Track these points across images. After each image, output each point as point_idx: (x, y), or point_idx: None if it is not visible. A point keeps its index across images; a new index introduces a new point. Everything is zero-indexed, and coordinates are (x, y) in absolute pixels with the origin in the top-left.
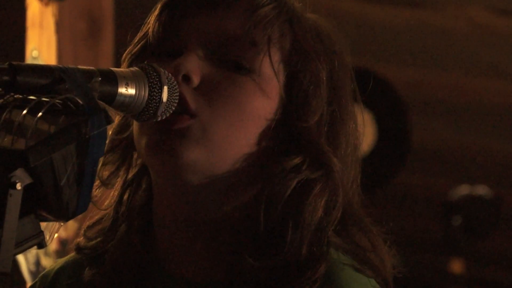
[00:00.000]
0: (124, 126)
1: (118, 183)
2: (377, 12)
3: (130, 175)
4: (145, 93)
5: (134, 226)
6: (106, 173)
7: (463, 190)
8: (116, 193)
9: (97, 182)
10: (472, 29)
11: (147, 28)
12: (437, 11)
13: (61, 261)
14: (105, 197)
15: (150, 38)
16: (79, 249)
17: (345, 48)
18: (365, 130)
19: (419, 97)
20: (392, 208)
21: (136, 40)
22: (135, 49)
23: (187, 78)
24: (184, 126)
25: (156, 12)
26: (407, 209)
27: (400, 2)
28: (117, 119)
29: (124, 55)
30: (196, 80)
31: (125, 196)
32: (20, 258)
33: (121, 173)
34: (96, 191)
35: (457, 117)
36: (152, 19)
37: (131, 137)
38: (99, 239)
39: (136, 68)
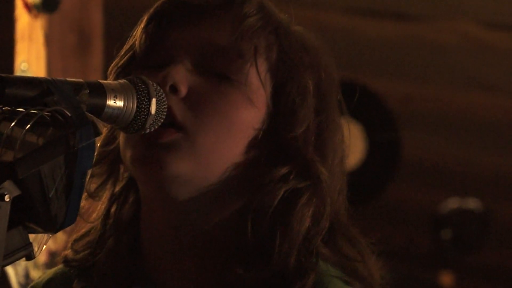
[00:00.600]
0: (111, 138)
1: (105, 196)
2: (367, 25)
3: (117, 188)
4: (133, 105)
5: (122, 239)
6: (93, 186)
7: (453, 203)
8: (103, 206)
9: (84, 195)
10: (463, 43)
11: (134, 40)
12: (428, 25)
13: (50, 272)
14: (92, 210)
15: (137, 50)
16: (66, 261)
17: (331, 59)
18: (355, 143)
19: (409, 110)
20: (381, 221)
21: (122, 53)
22: (122, 62)
23: (174, 89)
24: (171, 139)
25: (143, 24)
26: (396, 222)
27: (390, 15)
28: (104, 131)
29: (111, 67)
30: (183, 91)
31: (113, 209)
32: (10, 270)
33: (108, 186)
34: (83, 203)
35: (447, 130)
36: (138, 31)
37: (118, 149)
38: (86, 251)
39: (125, 80)
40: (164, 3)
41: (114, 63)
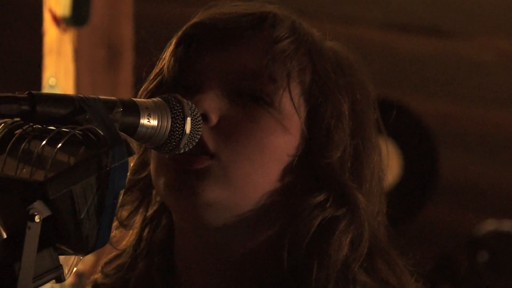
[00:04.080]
0: (141, 166)
1: (138, 220)
2: (404, 42)
3: (150, 212)
4: (167, 124)
5: (154, 263)
6: (124, 214)
7: (490, 225)
8: (135, 230)
9: (115, 223)
10: (501, 60)
11: (163, 63)
12: (465, 42)
13: None
14: (124, 233)
15: (165, 74)
16: (96, 285)
17: (367, 75)
18: (391, 163)
19: (446, 129)
20: (416, 242)
21: (152, 77)
22: (151, 86)
23: (204, 117)
24: (204, 166)
25: (171, 48)
26: (432, 243)
27: (428, 32)
28: (133, 159)
29: (140, 91)
30: (214, 119)
31: (145, 233)
32: None
33: (141, 210)
34: (114, 233)
35: (485, 150)
36: (167, 54)
37: (150, 176)
38: (117, 275)
39: (159, 99)
40: (192, 26)
41: (143, 87)
